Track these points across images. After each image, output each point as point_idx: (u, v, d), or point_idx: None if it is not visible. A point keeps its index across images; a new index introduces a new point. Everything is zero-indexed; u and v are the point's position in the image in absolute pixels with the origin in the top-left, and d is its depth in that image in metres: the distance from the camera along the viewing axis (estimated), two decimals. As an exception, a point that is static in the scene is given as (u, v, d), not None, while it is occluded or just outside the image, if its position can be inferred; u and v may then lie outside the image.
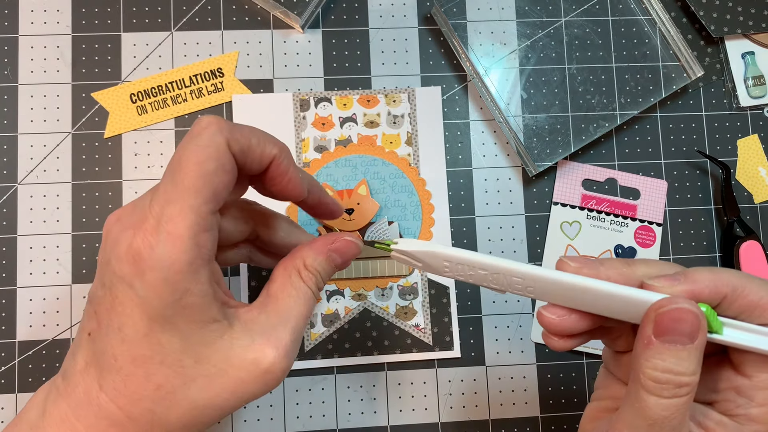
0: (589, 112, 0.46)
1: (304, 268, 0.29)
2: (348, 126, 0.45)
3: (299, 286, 0.28)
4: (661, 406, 0.23)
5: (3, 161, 0.43)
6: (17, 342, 0.42)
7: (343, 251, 0.30)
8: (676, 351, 0.23)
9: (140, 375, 0.25)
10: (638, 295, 0.25)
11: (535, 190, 0.46)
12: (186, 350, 0.26)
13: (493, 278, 0.27)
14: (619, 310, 0.25)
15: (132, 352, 0.25)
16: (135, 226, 0.25)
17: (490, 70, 0.45)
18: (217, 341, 0.26)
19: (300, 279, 0.29)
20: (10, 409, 0.42)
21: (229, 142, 0.26)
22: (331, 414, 0.43)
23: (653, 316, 0.24)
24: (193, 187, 0.24)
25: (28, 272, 0.43)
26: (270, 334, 0.27)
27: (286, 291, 0.28)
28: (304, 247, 0.30)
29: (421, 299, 0.44)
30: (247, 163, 0.27)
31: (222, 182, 0.25)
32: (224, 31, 0.45)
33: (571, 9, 0.47)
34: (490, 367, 0.44)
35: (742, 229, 0.45)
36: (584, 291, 0.26)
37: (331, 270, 0.30)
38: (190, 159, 0.25)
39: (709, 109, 0.47)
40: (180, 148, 0.26)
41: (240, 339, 0.27)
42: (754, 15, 0.47)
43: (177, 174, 0.25)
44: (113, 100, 0.44)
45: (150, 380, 0.26)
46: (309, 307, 0.29)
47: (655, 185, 0.46)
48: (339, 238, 0.30)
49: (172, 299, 0.24)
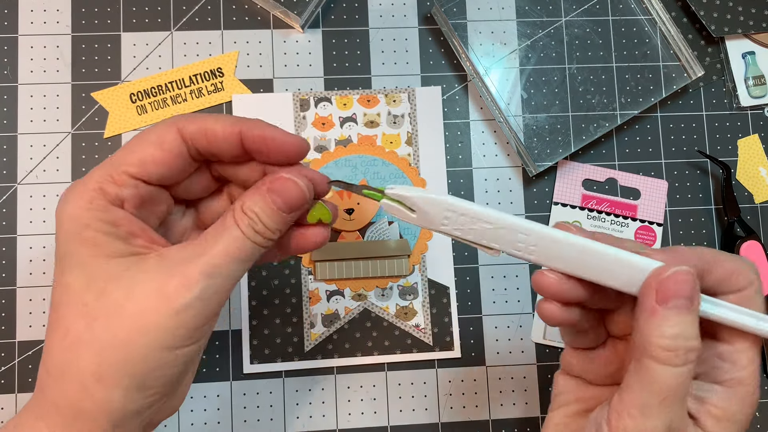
0: (589, 112, 0.46)
1: (239, 209, 0.27)
2: (348, 126, 0.45)
3: (227, 225, 0.27)
4: (673, 376, 0.23)
5: (3, 161, 0.43)
6: (17, 342, 0.42)
7: (280, 191, 0.27)
8: (681, 316, 0.24)
9: (53, 323, 0.26)
10: (638, 259, 0.25)
11: (535, 190, 0.46)
12: (89, 287, 0.25)
13: (495, 235, 0.26)
14: (617, 276, 0.25)
15: (52, 305, 0.26)
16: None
17: (490, 69, 0.45)
18: (122, 275, 0.25)
19: (232, 219, 0.27)
20: (10, 409, 0.42)
21: (181, 127, 0.27)
22: (331, 414, 0.43)
23: (654, 284, 0.24)
24: (119, 155, 0.27)
25: (28, 272, 0.43)
26: (179, 265, 0.26)
27: (213, 229, 0.27)
28: (248, 191, 0.28)
29: (421, 299, 0.44)
30: (215, 143, 0.28)
31: (152, 154, 0.27)
32: (224, 30, 0.45)
33: (571, 9, 0.47)
34: (490, 367, 0.44)
35: (742, 229, 0.45)
36: (590, 253, 0.25)
37: (273, 213, 0.27)
38: (134, 137, 0.28)
39: (710, 109, 0.47)
40: None
41: (147, 272, 0.25)
42: (754, 15, 0.47)
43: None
44: (113, 100, 0.44)
45: (60, 326, 0.25)
46: (236, 247, 0.26)
47: (655, 185, 0.46)
48: (276, 176, 0.28)
49: (73, 232, 0.26)
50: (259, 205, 0.27)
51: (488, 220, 0.26)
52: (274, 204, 0.27)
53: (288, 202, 0.27)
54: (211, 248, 0.26)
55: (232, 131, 0.27)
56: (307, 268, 0.44)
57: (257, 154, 0.28)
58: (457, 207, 0.26)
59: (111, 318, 0.25)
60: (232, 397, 0.43)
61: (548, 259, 0.26)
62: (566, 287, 0.26)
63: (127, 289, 0.25)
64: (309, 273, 0.44)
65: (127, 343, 0.25)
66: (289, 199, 0.27)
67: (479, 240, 0.26)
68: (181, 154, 0.28)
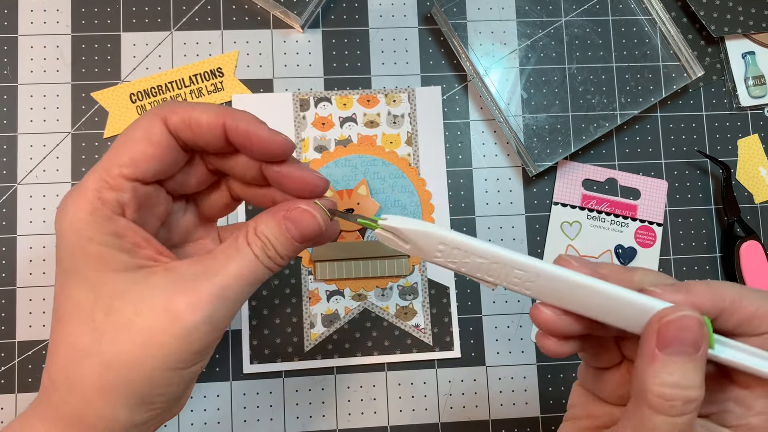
0: (589, 112, 0.46)
1: (252, 232, 0.27)
2: (348, 126, 0.45)
3: (240, 247, 0.27)
4: (669, 426, 0.22)
5: (3, 161, 0.43)
6: (17, 342, 0.42)
7: (296, 221, 0.27)
8: (682, 363, 0.22)
9: (58, 335, 0.25)
10: (641, 300, 0.24)
11: (535, 190, 0.46)
12: (97, 303, 0.25)
13: (490, 269, 0.26)
14: (619, 316, 0.25)
15: (56, 315, 0.26)
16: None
17: (490, 70, 0.45)
18: (129, 291, 0.25)
19: (245, 241, 0.27)
20: (10, 409, 0.42)
21: (165, 118, 0.27)
22: (331, 414, 0.43)
23: (656, 327, 0.23)
24: (109, 155, 0.26)
25: (28, 272, 0.43)
26: (188, 283, 0.25)
27: (225, 249, 0.27)
28: (262, 214, 0.28)
29: (421, 299, 0.44)
30: (200, 134, 0.27)
31: (142, 151, 0.26)
32: (224, 30, 0.45)
33: (571, 9, 0.47)
34: (490, 367, 0.44)
35: (742, 229, 0.45)
36: (589, 291, 0.25)
37: (286, 241, 0.27)
38: (121, 134, 0.27)
39: (710, 109, 0.47)
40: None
41: (156, 287, 0.25)
42: (754, 15, 0.47)
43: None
44: (113, 100, 0.44)
45: (66, 341, 0.25)
46: (248, 270, 0.26)
47: (655, 185, 0.46)
48: (294, 206, 0.27)
49: (77, 246, 0.25)
50: (273, 231, 0.27)
51: (482, 255, 0.26)
52: (288, 232, 0.27)
53: (303, 233, 0.27)
54: (222, 269, 0.26)
55: (216, 123, 0.27)
56: (307, 268, 0.44)
57: (242, 149, 0.28)
58: (450, 240, 0.26)
59: (119, 334, 0.25)
60: (232, 397, 0.43)
61: (546, 295, 0.25)
62: (563, 323, 0.25)
63: (135, 306, 0.25)
64: (309, 273, 0.44)
65: (133, 361, 0.24)
66: (304, 231, 0.27)
67: (474, 273, 0.26)
68: (171, 146, 0.27)
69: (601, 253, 0.45)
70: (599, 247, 0.45)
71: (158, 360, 0.25)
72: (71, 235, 0.25)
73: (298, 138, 0.44)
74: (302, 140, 0.44)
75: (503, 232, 0.45)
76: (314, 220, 0.27)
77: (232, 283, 0.26)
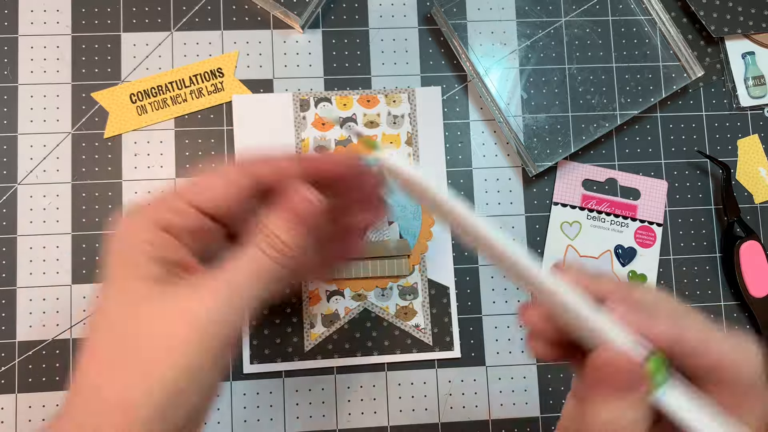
0: (589, 112, 0.46)
1: (260, 231, 0.28)
2: (348, 126, 0.45)
3: (248, 246, 0.27)
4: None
5: (3, 161, 0.43)
6: (17, 342, 0.42)
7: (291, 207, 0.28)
8: (614, 403, 0.22)
9: (88, 346, 0.25)
10: (597, 324, 0.23)
11: (535, 190, 0.46)
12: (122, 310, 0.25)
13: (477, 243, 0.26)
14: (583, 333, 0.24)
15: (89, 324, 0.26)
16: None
17: (490, 70, 0.45)
18: (154, 299, 0.25)
19: (251, 241, 0.28)
20: (10, 409, 0.42)
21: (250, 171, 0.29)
22: (331, 414, 0.43)
23: (594, 364, 0.23)
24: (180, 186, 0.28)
25: (28, 272, 0.43)
26: (203, 285, 0.26)
27: (236, 253, 0.27)
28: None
29: (421, 299, 0.44)
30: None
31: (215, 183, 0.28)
32: (224, 31, 0.45)
33: (571, 9, 0.47)
34: (490, 367, 0.44)
35: (742, 230, 0.45)
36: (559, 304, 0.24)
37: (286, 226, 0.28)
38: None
39: (710, 109, 0.47)
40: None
41: (177, 295, 0.26)
42: (754, 15, 0.47)
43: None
44: (113, 100, 0.44)
45: (91, 349, 0.25)
46: (257, 266, 0.27)
47: (655, 185, 0.46)
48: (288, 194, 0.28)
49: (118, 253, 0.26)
50: (274, 222, 0.28)
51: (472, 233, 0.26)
52: (288, 221, 0.28)
53: (299, 216, 0.28)
54: (230, 269, 0.27)
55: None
56: (307, 268, 0.44)
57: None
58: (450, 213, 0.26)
59: (137, 339, 0.25)
60: (232, 397, 0.43)
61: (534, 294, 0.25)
62: (546, 328, 0.25)
63: (153, 313, 0.25)
64: (309, 273, 0.44)
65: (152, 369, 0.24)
66: (299, 214, 0.28)
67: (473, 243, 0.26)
68: (244, 187, 0.28)
69: (600, 254, 0.45)
70: (599, 247, 0.45)
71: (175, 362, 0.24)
72: (117, 244, 0.26)
73: (298, 138, 0.44)
74: (302, 140, 0.44)
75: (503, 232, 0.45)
76: (304, 199, 0.28)
77: (240, 279, 0.26)
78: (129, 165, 0.44)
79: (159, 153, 0.44)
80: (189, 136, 0.44)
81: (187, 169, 0.44)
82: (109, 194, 0.44)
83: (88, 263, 0.43)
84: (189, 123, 0.45)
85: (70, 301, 0.43)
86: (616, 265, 0.45)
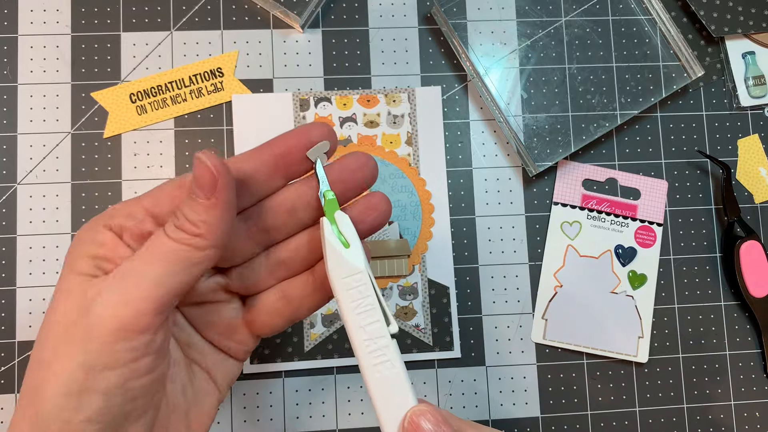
0: (589, 112, 0.46)
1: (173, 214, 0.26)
2: (348, 126, 0.45)
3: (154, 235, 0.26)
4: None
5: (2, 161, 0.43)
6: (17, 342, 0.42)
7: (194, 176, 0.25)
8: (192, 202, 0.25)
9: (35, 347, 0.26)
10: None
11: (535, 190, 0.46)
12: (54, 296, 0.26)
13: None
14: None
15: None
16: None
17: (490, 69, 0.45)
18: (73, 290, 0.25)
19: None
20: (10, 409, 0.42)
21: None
22: (331, 414, 0.43)
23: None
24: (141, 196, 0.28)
25: (28, 272, 0.43)
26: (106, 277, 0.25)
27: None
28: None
29: (421, 299, 0.44)
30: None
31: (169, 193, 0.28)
32: (224, 30, 0.45)
33: (571, 9, 0.47)
34: (490, 367, 0.44)
35: (742, 229, 0.45)
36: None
37: (193, 203, 0.25)
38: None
39: (710, 109, 0.47)
40: None
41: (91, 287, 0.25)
42: (754, 15, 0.47)
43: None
44: (113, 100, 0.44)
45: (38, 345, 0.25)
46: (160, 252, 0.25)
47: (655, 185, 0.46)
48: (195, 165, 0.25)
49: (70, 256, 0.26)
50: (185, 202, 0.25)
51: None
52: (190, 192, 0.25)
53: (198, 183, 0.25)
54: (138, 258, 0.25)
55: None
56: (307, 268, 0.44)
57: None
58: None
59: (49, 331, 0.25)
60: (231, 397, 0.43)
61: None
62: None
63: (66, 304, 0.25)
64: (309, 273, 0.44)
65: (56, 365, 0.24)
66: (198, 179, 0.25)
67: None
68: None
69: (601, 253, 0.45)
70: (599, 247, 0.45)
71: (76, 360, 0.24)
72: (74, 240, 0.27)
73: (298, 138, 0.44)
74: (302, 140, 0.44)
75: (503, 232, 0.45)
76: (203, 165, 0.24)
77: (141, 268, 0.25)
78: (129, 165, 0.44)
79: (159, 153, 0.44)
80: (189, 136, 0.44)
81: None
82: (109, 194, 0.44)
83: (87, 263, 0.43)
84: (189, 123, 0.45)
85: (70, 301, 0.43)
86: (616, 265, 0.45)
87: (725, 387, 0.45)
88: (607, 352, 0.44)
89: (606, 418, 0.44)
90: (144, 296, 0.24)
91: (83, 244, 0.26)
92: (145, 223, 0.26)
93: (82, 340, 0.24)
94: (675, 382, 0.45)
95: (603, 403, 0.44)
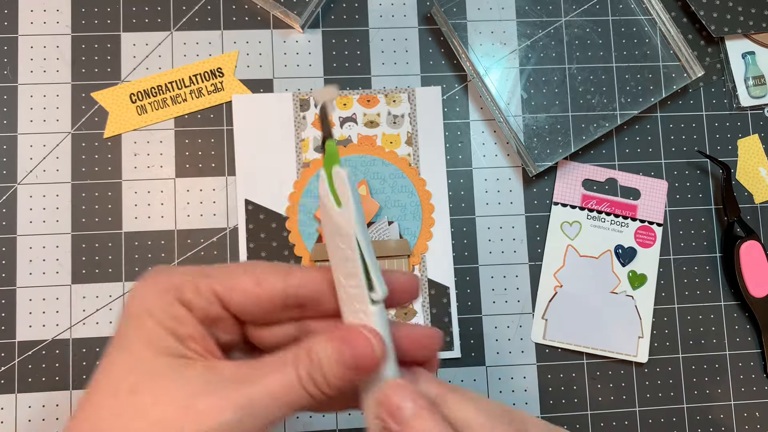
0: (589, 112, 0.46)
1: (305, 351, 0.24)
2: (348, 126, 0.45)
3: (285, 363, 0.24)
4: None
5: (3, 161, 0.43)
6: (17, 342, 0.42)
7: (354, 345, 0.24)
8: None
9: (86, 399, 0.24)
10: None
11: (535, 190, 0.46)
12: (127, 377, 0.23)
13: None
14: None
15: (95, 374, 0.25)
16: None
17: (490, 70, 0.45)
18: (161, 375, 0.23)
19: (292, 357, 0.24)
20: (10, 409, 0.42)
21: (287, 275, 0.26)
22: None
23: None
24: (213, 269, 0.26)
25: (28, 272, 0.43)
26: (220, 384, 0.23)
27: (271, 362, 0.24)
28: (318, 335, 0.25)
29: (421, 299, 0.44)
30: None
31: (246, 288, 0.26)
32: (224, 31, 0.45)
33: (571, 9, 0.47)
34: (490, 367, 0.44)
35: (742, 229, 0.45)
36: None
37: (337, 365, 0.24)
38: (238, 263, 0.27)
39: (710, 109, 0.47)
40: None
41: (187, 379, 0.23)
42: (754, 15, 0.47)
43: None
44: (113, 100, 0.44)
45: (88, 406, 0.24)
46: (284, 390, 0.24)
47: (655, 185, 0.46)
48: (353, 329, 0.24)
49: (135, 315, 0.24)
50: (327, 352, 0.24)
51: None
52: (342, 356, 0.24)
53: (357, 358, 0.24)
54: (258, 381, 0.24)
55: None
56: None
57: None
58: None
59: (133, 420, 0.23)
60: (232, 397, 0.43)
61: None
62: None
63: (155, 393, 0.23)
64: (309, 273, 0.44)
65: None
66: (359, 356, 0.24)
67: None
68: (277, 301, 0.25)
69: (601, 253, 0.45)
70: (599, 247, 0.45)
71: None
72: (137, 302, 0.25)
73: (298, 138, 0.44)
74: (302, 140, 0.44)
75: (503, 232, 0.45)
76: (369, 344, 0.24)
77: (263, 398, 0.23)
78: (129, 165, 0.44)
79: (159, 153, 0.44)
80: (189, 136, 0.44)
81: (187, 169, 0.44)
82: (109, 194, 0.44)
83: (88, 263, 0.43)
84: (189, 123, 0.45)
85: (70, 301, 0.43)
86: (616, 265, 0.45)
87: (725, 387, 0.45)
88: (607, 352, 0.44)
89: (606, 418, 0.44)
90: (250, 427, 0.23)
91: (154, 315, 0.24)
92: (214, 307, 0.25)
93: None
94: (675, 382, 0.45)
95: (603, 403, 0.44)
